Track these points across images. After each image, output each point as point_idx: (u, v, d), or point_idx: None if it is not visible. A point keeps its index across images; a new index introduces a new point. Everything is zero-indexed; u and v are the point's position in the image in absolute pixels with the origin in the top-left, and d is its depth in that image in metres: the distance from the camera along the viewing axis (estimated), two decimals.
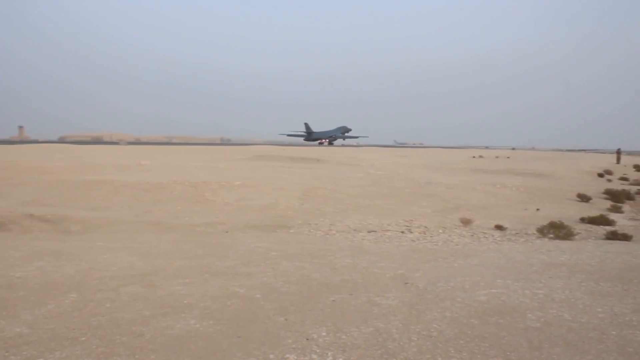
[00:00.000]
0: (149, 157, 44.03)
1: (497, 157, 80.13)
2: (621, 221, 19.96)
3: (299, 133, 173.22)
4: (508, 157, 77.79)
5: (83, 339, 6.18)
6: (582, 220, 19.39)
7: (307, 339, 6.21)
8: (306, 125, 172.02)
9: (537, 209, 22.51)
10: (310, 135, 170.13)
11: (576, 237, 15.22)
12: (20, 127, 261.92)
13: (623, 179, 43.44)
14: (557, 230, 15.10)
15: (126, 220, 16.62)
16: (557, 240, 14.52)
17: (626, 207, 24.76)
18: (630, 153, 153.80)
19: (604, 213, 20.75)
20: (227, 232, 15.29)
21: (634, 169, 60.82)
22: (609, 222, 18.61)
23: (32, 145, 62.80)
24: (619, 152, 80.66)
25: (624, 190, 29.93)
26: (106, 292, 8.11)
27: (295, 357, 5.73)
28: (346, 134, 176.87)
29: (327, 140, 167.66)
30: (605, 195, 28.21)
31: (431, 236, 15.15)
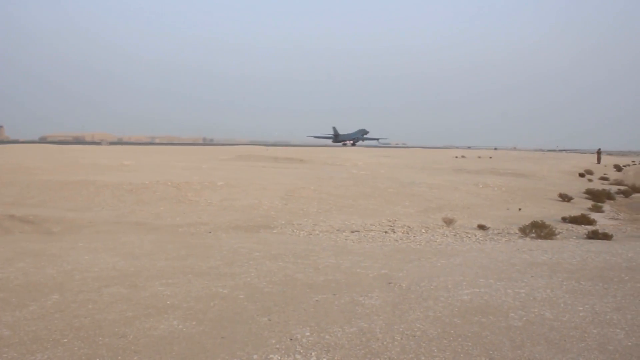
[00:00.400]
0: (132, 157, 43.77)
1: (479, 157, 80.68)
2: (602, 220, 20.18)
3: (327, 135, 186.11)
4: (490, 157, 78.33)
5: (65, 340, 6.14)
6: (564, 219, 19.57)
7: (291, 339, 6.22)
8: (334, 128, 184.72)
9: (519, 209, 22.69)
10: (337, 138, 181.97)
11: (558, 236, 15.34)
12: (0, 127, 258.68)
13: (603, 178, 43.97)
14: (539, 230, 15.20)
15: (108, 221, 16.52)
16: (539, 240, 14.63)
17: (607, 206, 25.03)
18: (610, 153, 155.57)
19: (585, 212, 20.94)
20: (210, 232, 15.25)
21: (614, 169, 61.65)
22: (590, 222, 18.78)
23: (12, 146, 62.13)
24: (599, 152, 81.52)
25: (604, 190, 30.30)
26: (88, 293, 8.06)
27: (279, 358, 5.73)
28: (365, 136, 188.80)
29: (352, 142, 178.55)
30: (586, 195, 28.51)
31: (414, 236, 15.20)
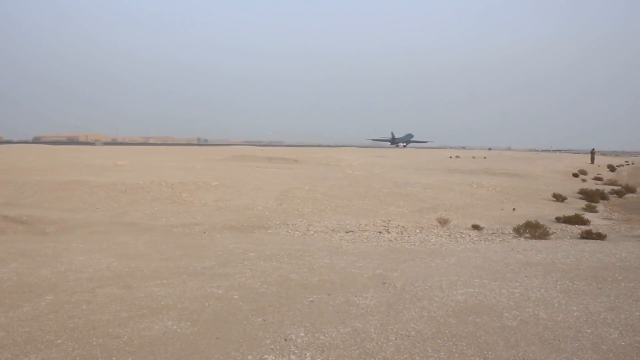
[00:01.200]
0: (126, 157, 43.70)
1: (473, 157, 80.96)
2: (596, 220, 20.24)
3: (385, 139, 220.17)
4: (484, 158, 78.59)
5: (59, 341, 6.12)
6: (558, 219, 19.61)
7: (285, 340, 6.21)
8: (392, 133, 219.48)
9: (514, 209, 22.73)
10: (393, 140, 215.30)
11: (552, 236, 15.37)
12: None
13: (597, 178, 44.11)
14: (533, 230, 15.23)
15: (102, 221, 16.47)
16: (533, 240, 14.66)
17: (600, 206, 25.10)
18: (604, 153, 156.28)
19: (579, 212, 21.00)
20: (204, 232, 15.22)
21: (608, 169, 61.89)
22: (584, 222, 18.83)
23: (6, 146, 61.93)
24: (593, 153, 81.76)
25: (598, 190, 30.36)
26: (82, 293, 8.03)
27: (274, 358, 5.73)
28: (411, 139, 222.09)
29: (404, 144, 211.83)
30: (580, 195, 28.59)
31: (409, 236, 15.21)
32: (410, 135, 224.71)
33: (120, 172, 29.74)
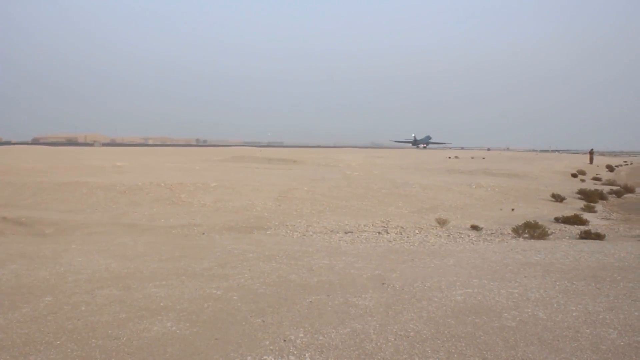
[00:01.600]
0: (125, 158, 43.68)
1: (472, 157, 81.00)
2: (594, 221, 20.23)
3: (407, 140, 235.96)
4: (483, 158, 78.65)
5: (58, 343, 6.12)
6: (557, 219, 19.61)
7: (285, 341, 6.21)
8: (414, 136, 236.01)
9: (512, 209, 22.74)
10: (415, 142, 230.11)
11: (551, 236, 15.37)
12: None
13: (596, 179, 44.11)
14: (532, 230, 15.23)
15: (101, 223, 16.47)
16: (532, 240, 14.65)
17: (599, 206, 25.10)
18: (602, 154, 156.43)
19: (578, 213, 20.99)
20: (203, 233, 15.23)
21: (607, 169, 61.95)
22: (583, 222, 18.82)
23: (5, 147, 61.88)
24: (591, 153, 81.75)
25: (597, 190, 30.38)
26: (81, 295, 8.03)
27: (273, 359, 5.73)
28: (430, 140, 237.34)
29: (424, 145, 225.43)
30: (578, 195, 28.60)
31: (407, 237, 15.21)
32: (429, 137, 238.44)
33: (119, 173, 29.72)
